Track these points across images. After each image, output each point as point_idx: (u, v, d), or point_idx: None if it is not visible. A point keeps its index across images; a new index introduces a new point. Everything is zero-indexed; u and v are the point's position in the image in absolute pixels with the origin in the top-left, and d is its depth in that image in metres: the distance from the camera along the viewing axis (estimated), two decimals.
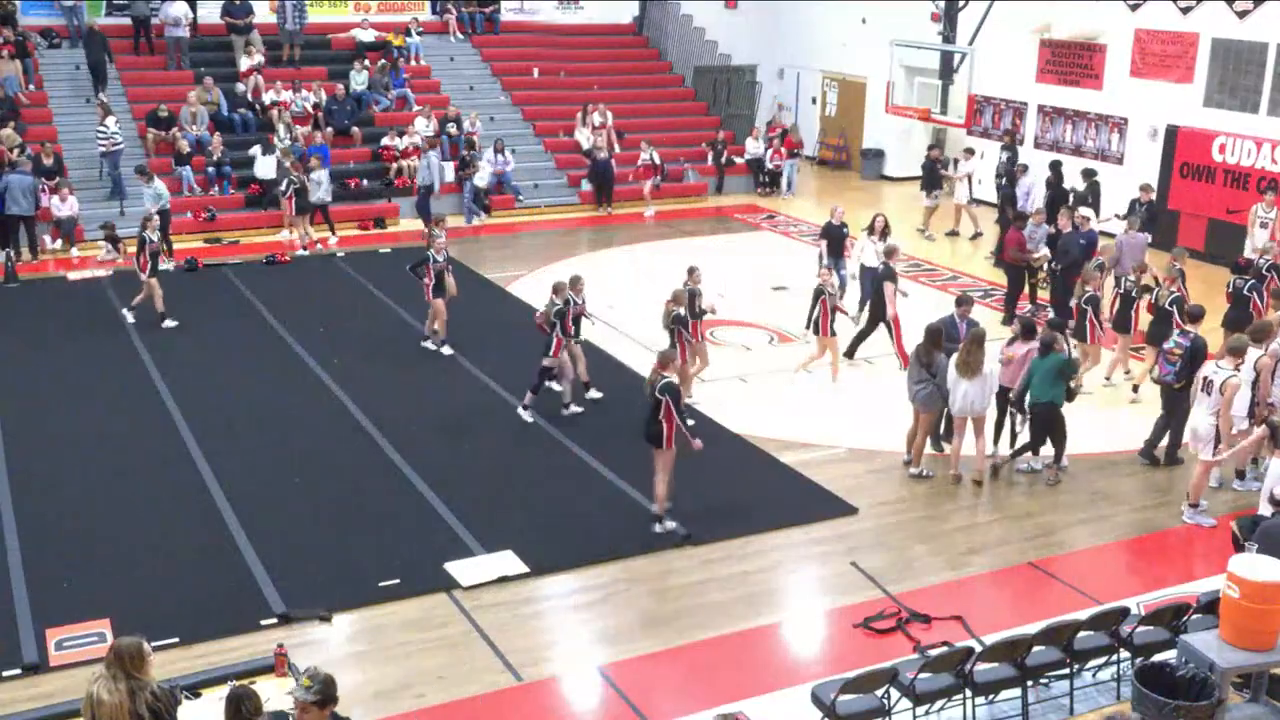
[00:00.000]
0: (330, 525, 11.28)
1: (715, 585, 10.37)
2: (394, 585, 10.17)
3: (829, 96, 30.91)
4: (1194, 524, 11.52)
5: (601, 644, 9.50)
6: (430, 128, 24.84)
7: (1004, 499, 12.21)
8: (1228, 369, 11.33)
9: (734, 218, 24.88)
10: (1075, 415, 12.73)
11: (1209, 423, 11.38)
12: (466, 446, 13.22)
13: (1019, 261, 17.55)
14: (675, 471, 11.13)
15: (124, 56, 25.10)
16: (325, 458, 12.82)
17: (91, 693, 6.40)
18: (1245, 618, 7.89)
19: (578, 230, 23.77)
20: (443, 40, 28.38)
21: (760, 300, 18.74)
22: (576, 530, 11.29)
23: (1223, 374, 11.29)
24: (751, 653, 9.44)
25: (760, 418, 14.07)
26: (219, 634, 9.35)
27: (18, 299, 18.36)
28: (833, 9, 29.44)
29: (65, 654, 9.10)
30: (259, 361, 15.80)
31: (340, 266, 20.41)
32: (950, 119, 25.74)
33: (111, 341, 16.37)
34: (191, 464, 12.50)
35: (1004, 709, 8.60)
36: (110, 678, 6.35)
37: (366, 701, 8.66)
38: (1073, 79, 24.40)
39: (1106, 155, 23.46)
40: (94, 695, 6.37)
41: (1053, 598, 10.25)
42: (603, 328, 17.19)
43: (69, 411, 13.93)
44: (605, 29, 30.43)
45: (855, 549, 11.05)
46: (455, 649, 9.38)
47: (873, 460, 13.02)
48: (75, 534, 11.03)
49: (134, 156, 22.53)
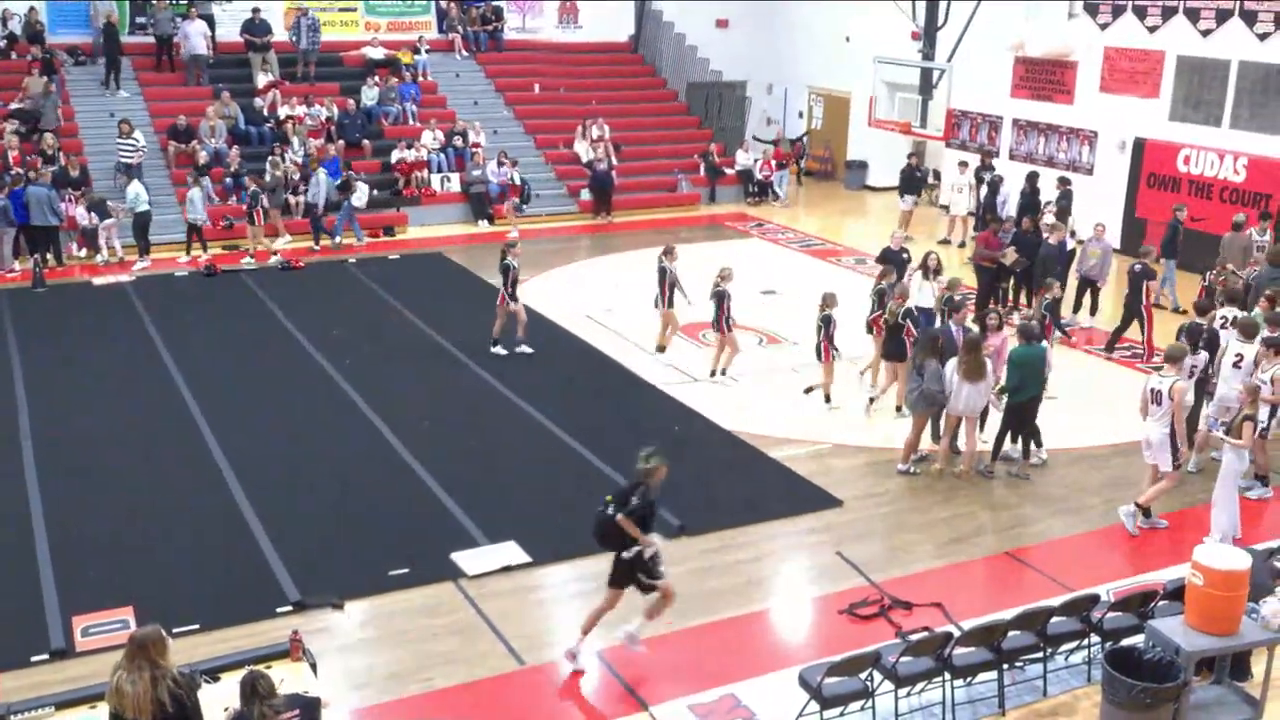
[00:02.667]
0: (342, 517, 11.28)
1: (708, 574, 10.36)
2: (403, 574, 10.17)
3: (815, 110, 30.93)
4: (1148, 528, 11.27)
5: (600, 629, 9.48)
6: (436, 140, 24.84)
7: (983, 492, 12.21)
8: (1171, 376, 11.00)
9: (725, 225, 24.88)
10: (1050, 411, 12.77)
11: (1162, 433, 11.00)
12: (472, 442, 13.21)
13: (987, 261, 17.52)
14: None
15: (146, 73, 25.06)
16: (338, 453, 12.82)
17: (114, 684, 6.36)
18: (1210, 604, 7.91)
19: (578, 238, 23.76)
20: (448, 58, 28.35)
21: (751, 304, 18.71)
22: (576, 522, 11.23)
23: (1167, 381, 10.95)
24: (742, 638, 9.45)
25: (751, 415, 14.07)
26: (237, 621, 9.34)
27: (46, 303, 18.33)
28: (819, 28, 29.47)
29: (91, 640, 9.10)
30: (274, 362, 15.79)
31: (352, 272, 20.39)
32: (929, 132, 25.75)
33: (134, 343, 16.35)
34: (210, 458, 12.49)
35: (981, 690, 8.61)
36: (133, 668, 6.30)
37: (378, 684, 8.67)
38: (1046, 94, 24.42)
39: (1078, 166, 23.47)
40: (117, 687, 6.33)
41: (1028, 585, 10.26)
42: (600, 330, 17.20)
43: (94, 409, 13.92)
44: (603, 47, 30.42)
45: (841, 539, 11.05)
46: (462, 635, 9.38)
47: (857, 456, 13.02)
48: (100, 525, 11.02)
49: (154, 169, 22.52)
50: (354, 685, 8.65)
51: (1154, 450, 11.11)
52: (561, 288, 19.66)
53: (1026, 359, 12.11)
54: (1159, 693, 7.57)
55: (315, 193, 22.27)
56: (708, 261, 21.46)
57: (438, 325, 17.19)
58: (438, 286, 19.79)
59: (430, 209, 24.16)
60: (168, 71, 25.32)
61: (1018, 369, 12.14)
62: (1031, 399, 12.22)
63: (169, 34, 24.98)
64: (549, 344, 16.64)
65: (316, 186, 22.24)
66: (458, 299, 18.96)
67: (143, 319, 17.33)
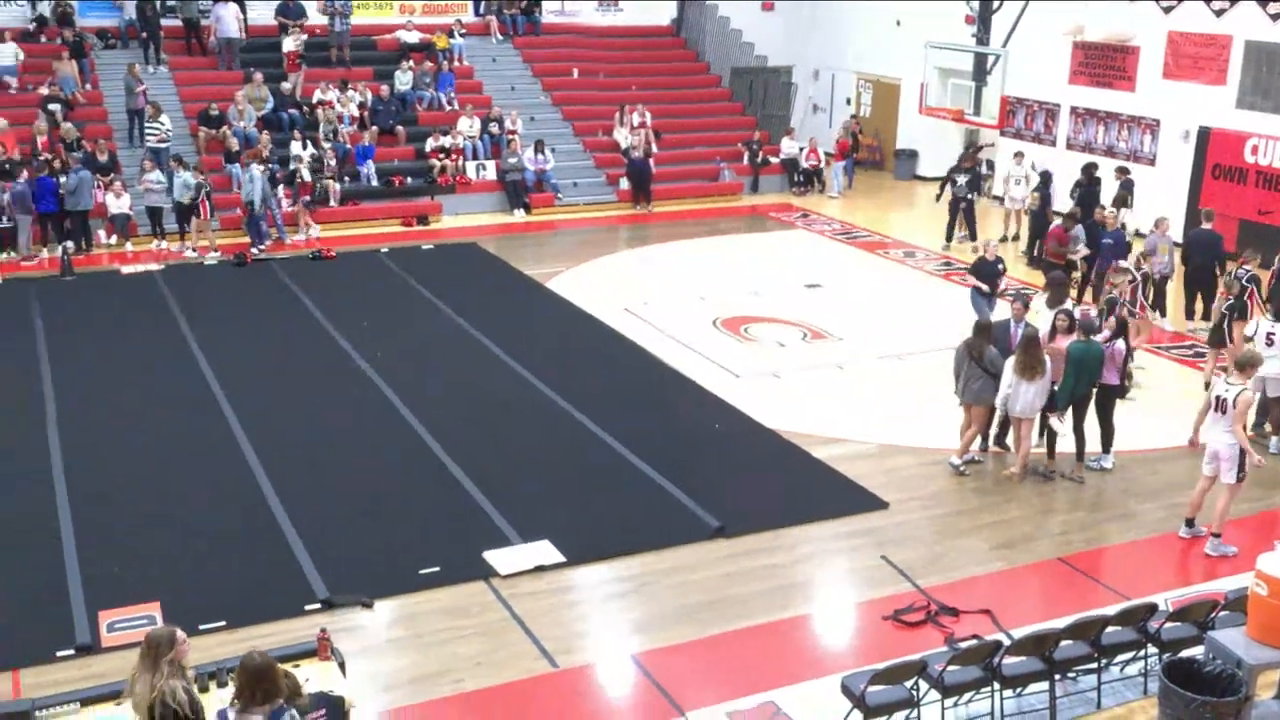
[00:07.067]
0: (372, 514, 11.34)
1: (747, 577, 10.35)
2: (434, 573, 10.22)
3: (863, 97, 30.77)
4: (1218, 556, 10.86)
5: (635, 633, 9.51)
6: (473, 128, 24.93)
7: (1035, 495, 12.11)
8: (1238, 384, 10.73)
9: (769, 216, 24.81)
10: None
11: (1229, 443, 10.68)
12: (505, 439, 13.25)
13: (1058, 257, 17.38)
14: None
15: (176, 57, 25.31)
16: (368, 447, 12.90)
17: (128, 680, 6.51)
18: (1273, 615, 7.80)
19: (616, 228, 23.77)
20: (485, 41, 28.43)
21: (794, 297, 18.68)
22: (611, 522, 11.31)
23: (1234, 389, 10.69)
24: (782, 643, 9.42)
25: (793, 413, 14.03)
26: (264, 618, 9.43)
27: (74, 291, 18.57)
28: (868, 11, 29.27)
29: (116, 635, 9.20)
30: (303, 353, 15.91)
31: (384, 262, 20.51)
32: (983, 120, 25.56)
33: (162, 332, 16.53)
34: (239, 452, 12.60)
35: (1031, 702, 8.54)
36: (143, 668, 6.37)
37: (406, 686, 8.72)
38: (1105, 80, 24.15)
39: (1139, 156, 23.21)
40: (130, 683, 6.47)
41: (1081, 593, 10.17)
42: (639, 324, 17.19)
43: (121, 399, 14.08)
44: (644, 30, 30.38)
45: (885, 543, 11.00)
46: (493, 636, 9.41)
47: (903, 456, 12.95)
48: (127, 519, 11.16)
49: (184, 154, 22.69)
50: (382, 686, 8.71)
51: (1221, 462, 10.79)
52: (598, 279, 19.67)
53: (1083, 356, 12.01)
54: (1219, 707, 7.47)
55: (250, 190, 20.97)
56: (748, 251, 21.59)
57: (470, 317, 17.25)
58: (471, 277, 19.86)
59: (465, 198, 24.24)
60: (197, 55, 25.58)
61: (1075, 366, 12.03)
62: (1095, 394, 12.17)
63: (196, 18, 25.25)
64: (585, 337, 16.67)
65: (251, 184, 20.95)
66: (491, 290, 19.02)
67: (171, 308, 17.52)
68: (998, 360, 12.13)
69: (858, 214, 25.05)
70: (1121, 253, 16.92)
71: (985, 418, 12.52)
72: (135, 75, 22.96)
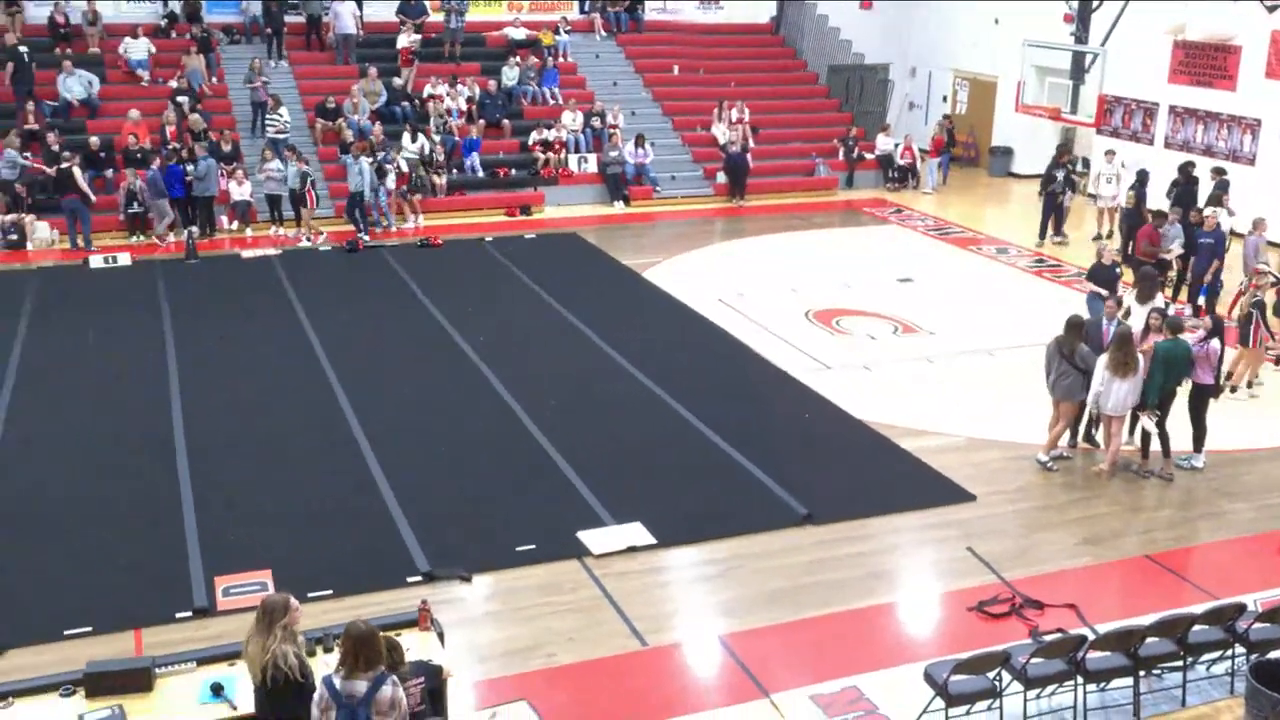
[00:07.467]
0: (473, 492, 11.50)
1: (833, 564, 10.29)
2: (530, 550, 10.33)
3: (959, 95, 30.27)
4: None
5: (723, 615, 9.51)
6: (576, 122, 25.06)
7: (1123, 492, 11.84)
8: None
9: (863, 211, 24.55)
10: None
11: None
12: (600, 423, 13.32)
13: (1150, 257, 16.94)
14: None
15: (296, 52, 25.85)
16: (470, 428, 13.06)
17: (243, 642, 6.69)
18: None
19: (712, 221, 23.72)
20: (589, 38, 28.56)
21: (886, 292, 18.48)
22: (701, 506, 11.31)
23: None
24: (867, 630, 9.35)
25: (883, 405, 13.89)
26: (368, 588, 9.61)
27: (197, 274, 19.08)
28: (966, 9, 28.79)
29: (231, 600, 9.46)
30: (410, 337, 16.15)
31: (488, 250, 20.73)
32: (1080, 118, 24.99)
33: (279, 315, 16.91)
34: (348, 430, 12.85)
35: (1115, 697, 8.38)
36: (257, 631, 6.53)
37: (501, 658, 8.83)
38: (1206, 80, 23.43)
39: (1238, 156, 22.50)
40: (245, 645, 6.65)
41: (1168, 591, 9.93)
42: (733, 315, 17.15)
43: (240, 378, 14.43)
44: (744, 28, 30.24)
45: (972, 535, 10.85)
46: (585, 613, 9.49)
47: (991, 450, 12.74)
48: (242, 491, 11.45)
49: (301, 145, 23.18)
50: (478, 657, 8.83)
51: None
52: (694, 270, 19.66)
53: (1170, 355, 11.70)
54: None
55: (359, 181, 21.07)
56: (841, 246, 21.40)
57: (570, 304, 17.36)
58: (571, 266, 19.97)
59: (567, 189, 24.38)
60: (316, 50, 26.10)
61: (1161, 364, 11.73)
62: (1189, 393, 11.90)
63: (318, 14, 25.76)
64: (680, 327, 16.68)
65: (360, 175, 21.06)
66: (590, 279, 19.12)
67: (287, 291, 17.91)
68: (1089, 357, 11.87)
69: (951, 210, 24.68)
70: (1220, 253, 16.44)
71: (1074, 414, 12.27)
72: (257, 69, 23.50)
